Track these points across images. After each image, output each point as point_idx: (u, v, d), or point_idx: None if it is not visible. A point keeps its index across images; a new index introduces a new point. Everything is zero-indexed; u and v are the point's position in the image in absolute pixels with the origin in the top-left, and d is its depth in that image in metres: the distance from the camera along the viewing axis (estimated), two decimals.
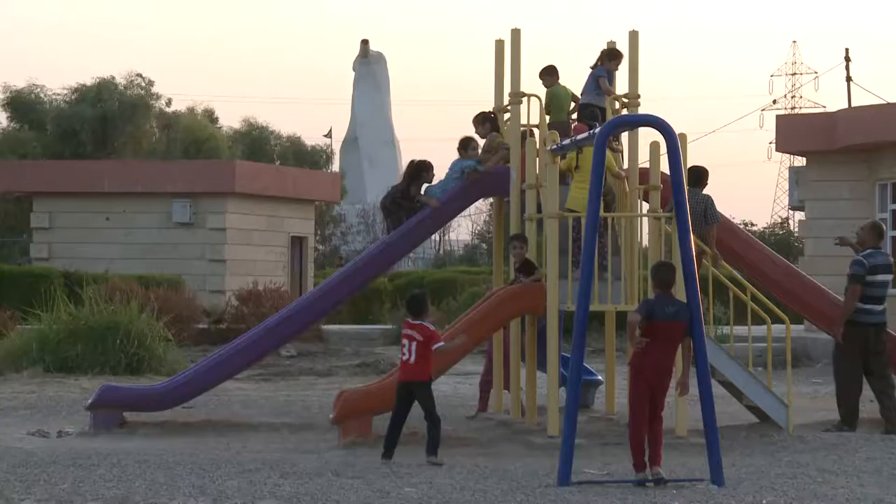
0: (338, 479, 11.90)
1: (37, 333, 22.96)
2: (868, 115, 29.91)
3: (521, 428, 15.49)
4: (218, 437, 15.04)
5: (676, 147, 12.45)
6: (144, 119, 50.79)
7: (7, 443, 14.29)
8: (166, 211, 34.98)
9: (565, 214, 14.76)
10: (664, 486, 11.57)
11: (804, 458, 13.30)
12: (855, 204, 28.58)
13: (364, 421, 14.61)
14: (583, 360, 12.46)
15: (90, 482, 11.58)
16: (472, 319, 15.31)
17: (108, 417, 15.78)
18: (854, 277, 15.46)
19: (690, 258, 12.33)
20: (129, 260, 33.90)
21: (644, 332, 11.76)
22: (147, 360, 22.23)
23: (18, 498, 10.83)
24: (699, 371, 12.07)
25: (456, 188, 16.37)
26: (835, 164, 29.48)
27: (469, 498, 10.98)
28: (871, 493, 11.32)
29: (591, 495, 11.16)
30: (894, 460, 13.10)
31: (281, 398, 19.34)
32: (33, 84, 50.94)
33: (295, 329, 17.29)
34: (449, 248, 58.31)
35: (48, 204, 36.22)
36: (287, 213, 37.36)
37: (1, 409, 17.63)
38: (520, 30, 16.22)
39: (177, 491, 11.18)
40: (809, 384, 21.08)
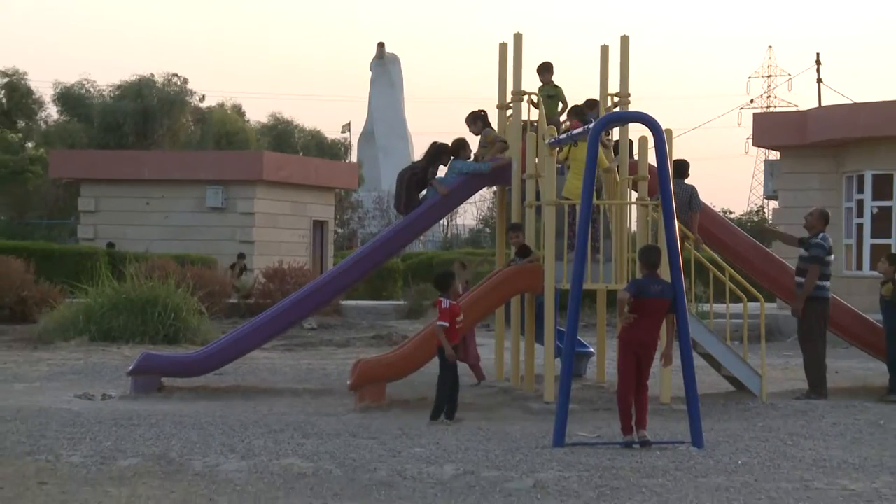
0: (354, 439, 11.92)
1: (83, 306, 22.96)
2: (836, 114, 29.90)
3: (520, 395, 15.46)
4: (246, 401, 15.02)
5: (663, 141, 12.51)
6: (180, 113, 50.93)
7: (56, 405, 14.29)
8: (200, 196, 35.04)
9: (561, 202, 14.73)
10: (649, 447, 11.66)
11: (776, 424, 13.34)
12: (824, 194, 28.60)
13: (378, 387, 14.62)
14: (576, 333, 12.54)
15: (131, 440, 11.64)
16: (476, 296, 15.24)
17: (148, 382, 15.78)
18: (817, 258, 15.58)
19: (675, 242, 12.38)
20: (166, 240, 33.96)
21: (632, 309, 11.85)
22: (183, 331, 22.23)
23: (67, 454, 10.89)
24: (681, 344, 12.14)
25: (459, 181, 16.34)
26: (806, 157, 29.49)
27: (472, 457, 10.98)
28: (836, 455, 11.37)
29: (582, 456, 11.18)
30: (857, 425, 13.12)
31: (303, 366, 19.31)
32: (84, 80, 51.00)
33: (316, 304, 17.27)
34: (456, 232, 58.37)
35: (94, 189, 36.28)
36: (309, 199, 37.37)
37: (51, 374, 17.64)
38: (521, 34, 16.15)
39: (209, 449, 11.22)
40: (781, 356, 21.04)
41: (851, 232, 28.19)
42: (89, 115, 49.63)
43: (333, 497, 9.45)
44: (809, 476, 10.36)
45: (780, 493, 9.67)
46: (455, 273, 14.37)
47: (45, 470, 10.26)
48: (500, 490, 9.70)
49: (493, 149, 16.32)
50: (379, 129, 58.15)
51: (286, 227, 36.07)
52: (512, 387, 16.22)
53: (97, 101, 50.01)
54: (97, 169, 36.70)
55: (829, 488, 9.86)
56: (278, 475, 10.18)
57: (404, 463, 10.67)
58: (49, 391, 15.70)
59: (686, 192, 15.79)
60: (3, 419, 12.68)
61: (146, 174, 35.73)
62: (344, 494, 9.55)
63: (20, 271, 27.01)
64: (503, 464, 10.71)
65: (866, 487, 9.90)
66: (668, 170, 12.67)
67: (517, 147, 15.93)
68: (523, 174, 15.74)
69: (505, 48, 16.44)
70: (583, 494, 9.55)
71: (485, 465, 10.63)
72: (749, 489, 9.78)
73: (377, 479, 10.08)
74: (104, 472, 10.23)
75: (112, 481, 9.90)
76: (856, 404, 14.77)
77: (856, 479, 10.22)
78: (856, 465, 10.86)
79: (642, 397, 11.93)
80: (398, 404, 14.42)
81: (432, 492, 9.67)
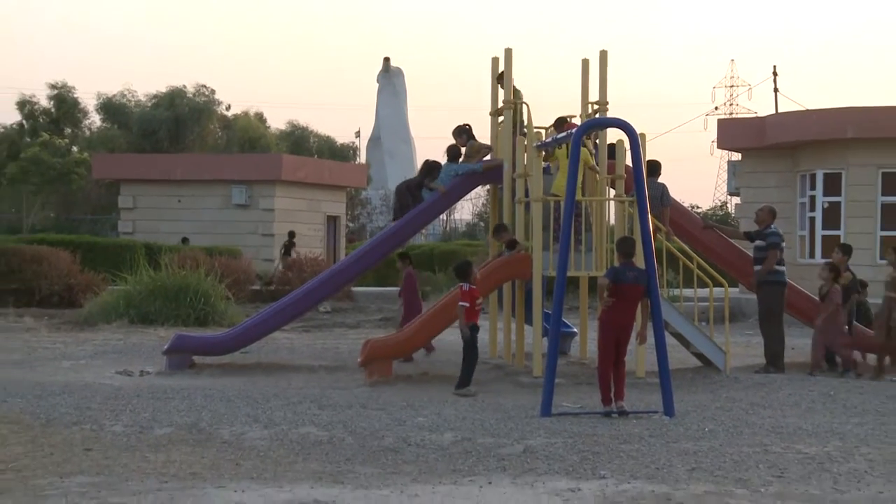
0: (364, 410, 11.92)
1: (123, 293, 22.96)
2: (791, 119, 29.91)
3: (512, 370, 15.46)
4: (268, 377, 15.02)
5: (637, 144, 12.51)
6: (209, 121, 50.89)
7: (99, 380, 14.31)
8: (226, 195, 35.01)
9: (548, 198, 14.71)
10: (626, 417, 11.67)
11: (738, 395, 13.34)
12: (780, 191, 28.61)
13: (386, 364, 14.62)
14: (561, 315, 12.51)
15: (166, 412, 11.63)
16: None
17: (180, 360, 15.79)
18: (775, 245, 15.67)
19: (648, 234, 12.38)
20: (196, 234, 33.94)
21: (610, 293, 11.86)
22: (211, 315, 22.24)
23: (109, 424, 10.91)
24: (654, 324, 12.14)
25: (456, 181, 16.36)
26: (764, 158, 29.48)
27: (469, 426, 10.98)
28: (791, 422, 11.38)
29: (567, 424, 11.18)
30: (811, 396, 13.12)
31: (318, 345, 19.32)
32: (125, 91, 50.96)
33: (329, 290, 17.31)
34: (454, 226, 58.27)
35: (132, 189, 36.24)
36: (323, 197, 37.32)
37: (95, 352, 17.64)
38: (511, 49, 16.12)
39: (235, 419, 11.21)
40: (743, 335, 21.05)
41: (805, 225, 28.19)
42: (128, 123, 49.58)
43: (346, 462, 9.45)
44: (768, 441, 10.36)
45: (742, 456, 9.67)
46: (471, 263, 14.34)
47: (90, 438, 10.28)
48: (494, 455, 9.70)
49: (480, 155, 16.46)
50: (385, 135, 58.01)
51: (303, 221, 36.02)
52: (504, 363, 16.23)
53: (135, 110, 49.93)
54: (135, 170, 36.66)
55: (786, 452, 9.86)
56: (297, 442, 10.18)
57: (409, 431, 10.67)
58: (93, 368, 15.71)
59: (658, 189, 15.81)
60: (52, 393, 12.68)
61: (178, 175, 35.69)
62: (355, 459, 9.55)
63: (67, 262, 27.04)
64: (496, 431, 10.71)
65: (819, 451, 9.90)
66: (642, 169, 12.65)
67: (508, 149, 15.91)
68: (514, 174, 15.73)
69: (497, 62, 16.45)
70: (567, 458, 9.55)
71: (480, 432, 10.63)
72: (715, 453, 9.78)
73: (385, 445, 10.08)
74: (142, 440, 10.24)
75: (149, 448, 9.91)
76: (809, 378, 14.76)
77: (809, 444, 10.23)
78: (809, 432, 10.86)
79: (620, 372, 11.94)
80: (403, 379, 14.44)
81: (434, 457, 9.67)
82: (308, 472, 9.00)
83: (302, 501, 7.92)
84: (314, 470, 9.10)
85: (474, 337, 13.55)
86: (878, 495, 8.38)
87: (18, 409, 11.49)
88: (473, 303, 13.48)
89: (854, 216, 27.45)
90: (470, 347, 13.49)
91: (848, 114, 27.92)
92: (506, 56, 16.15)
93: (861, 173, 27.46)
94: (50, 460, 9.34)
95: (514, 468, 9.20)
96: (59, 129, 51.50)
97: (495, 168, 16.27)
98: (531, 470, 9.13)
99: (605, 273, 12.31)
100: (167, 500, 7.94)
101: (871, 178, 27.44)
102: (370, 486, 8.49)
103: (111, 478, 8.71)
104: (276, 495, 8.12)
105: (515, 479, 8.75)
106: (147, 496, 8.06)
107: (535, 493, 8.26)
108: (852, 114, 27.86)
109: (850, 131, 27.36)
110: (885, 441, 10.46)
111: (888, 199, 27.46)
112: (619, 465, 9.29)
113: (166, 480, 8.63)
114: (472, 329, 13.50)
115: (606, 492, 8.34)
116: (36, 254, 26.79)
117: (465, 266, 13.80)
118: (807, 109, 32.70)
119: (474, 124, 17.07)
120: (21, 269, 26.38)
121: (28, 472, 8.90)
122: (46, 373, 15.03)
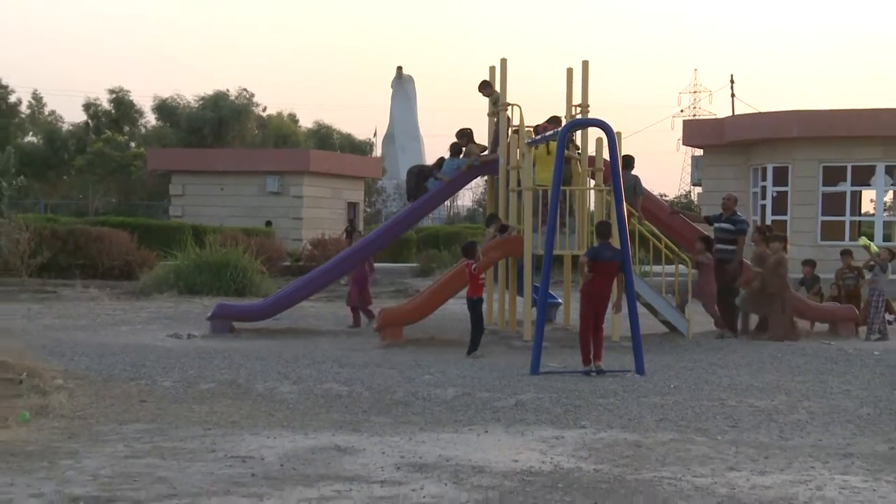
0: (379, 368, 11.88)
1: (174, 267, 22.92)
2: (746, 121, 29.87)
3: (506, 335, 15.42)
4: (297, 340, 15.00)
5: (614, 141, 12.46)
6: (247, 120, 50.66)
7: (153, 342, 14.28)
8: (262, 184, 34.92)
9: (537, 187, 14.63)
10: (603, 375, 11.63)
11: (699, 357, 13.31)
12: (736, 182, 28.58)
13: (397, 329, 14.58)
14: (548, 288, 12.45)
15: (209, 369, 11.61)
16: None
17: (222, 325, 15.74)
18: (742, 231, 15.68)
19: (623, 219, 12.35)
20: (236, 217, 33.83)
21: (590, 269, 11.81)
22: (248, 286, 22.17)
23: (161, 379, 10.91)
24: (628, 296, 12.11)
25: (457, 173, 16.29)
26: (723, 154, 29.43)
27: (468, 382, 10.95)
28: (744, 380, 11.38)
29: (552, 381, 11.16)
30: (761, 358, 13.10)
31: (340, 313, 19.25)
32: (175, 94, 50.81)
33: (350, 266, 17.21)
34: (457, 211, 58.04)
35: (182, 178, 36.17)
36: (345, 186, 37.22)
37: (149, 318, 17.62)
38: (506, 59, 16.03)
39: (268, 376, 11.19)
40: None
41: (757, 211, 28.13)
42: (178, 122, 49.36)
43: (363, 413, 9.43)
44: (724, 396, 10.34)
45: (702, 409, 9.65)
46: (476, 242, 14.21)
47: (145, 391, 10.27)
48: (490, 407, 9.69)
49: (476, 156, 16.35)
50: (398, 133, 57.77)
51: (327, 207, 35.95)
52: (499, 329, 16.17)
53: (184, 111, 49.74)
54: (184, 163, 36.56)
55: (740, 405, 9.84)
56: (321, 396, 10.16)
57: (417, 387, 10.64)
58: (147, 332, 15.69)
59: (632, 180, 15.73)
60: (112, 352, 12.67)
61: (221, 167, 35.58)
62: (371, 410, 9.54)
63: (126, 241, 26.98)
64: (492, 387, 10.68)
65: (767, 404, 9.88)
66: (618, 163, 12.60)
67: (503, 145, 15.86)
68: (508, 166, 15.66)
69: (494, 70, 16.34)
70: (552, 410, 9.53)
71: (478, 388, 10.61)
72: (679, 406, 9.76)
73: (396, 398, 10.06)
74: (189, 393, 10.22)
75: (195, 400, 9.90)
76: (759, 342, 14.72)
77: (759, 398, 10.21)
78: (759, 388, 10.84)
79: (598, 336, 11.90)
80: (412, 342, 14.39)
81: (438, 409, 9.65)
82: (330, 422, 8.98)
83: (325, 446, 7.90)
84: (336, 420, 9.09)
85: (478, 309, 13.45)
86: (818, 442, 8.36)
87: (84, 367, 11.48)
88: (476, 278, 13.36)
89: (799, 204, 27.46)
90: (478, 316, 13.40)
91: (794, 116, 27.87)
92: (501, 65, 16.06)
93: (805, 167, 27.42)
94: (111, 410, 9.33)
95: (506, 419, 9.18)
96: (118, 127, 51.35)
97: (491, 162, 16.19)
98: (521, 420, 9.11)
99: (586, 252, 12.27)
100: (210, 444, 7.92)
101: (814, 170, 27.41)
102: (384, 433, 8.47)
103: (162, 425, 8.71)
104: (303, 441, 8.10)
105: (508, 428, 8.73)
106: (193, 441, 8.05)
107: (525, 440, 8.24)
108: (797, 116, 27.82)
109: (796, 131, 27.33)
110: (823, 396, 10.44)
111: (828, 189, 27.45)
112: (597, 417, 9.27)
113: (209, 428, 8.62)
114: (476, 301, 13.40)
115: (586, 439, 8.32)
116: (99, 234, 26.76)
117: (471, 245, 13.71)
118: (759, 112, 32.56)
119: (474, 123, 17.00)
120: (87, 247, 26.35)
121: (92, 420, 8.90)
122: (108, 335, 15.01)
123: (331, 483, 6.74)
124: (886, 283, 15.89)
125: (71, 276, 25.39)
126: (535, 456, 7.64)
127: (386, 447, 7.88)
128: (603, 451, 7.88)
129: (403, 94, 58.73)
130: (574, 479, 6.96)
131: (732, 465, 7.47)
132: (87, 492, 6.41)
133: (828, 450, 8.04)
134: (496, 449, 7.89)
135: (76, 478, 6.81)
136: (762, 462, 7.57)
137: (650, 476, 7.06)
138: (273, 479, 6.82)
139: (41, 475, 6.87)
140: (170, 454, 7.56)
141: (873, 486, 6.87)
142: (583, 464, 7.41)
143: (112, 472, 6.98)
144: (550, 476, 7.02)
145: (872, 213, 28.61)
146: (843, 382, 11.29)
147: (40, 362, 10.70)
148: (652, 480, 6.93)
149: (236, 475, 6.92)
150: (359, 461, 7.39)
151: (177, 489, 6.52)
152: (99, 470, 7.03)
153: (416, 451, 7.76)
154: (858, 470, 7.36)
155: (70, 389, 10.06)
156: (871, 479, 7.06)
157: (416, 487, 6.64)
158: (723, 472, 7.21)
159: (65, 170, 50.39)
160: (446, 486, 6.71)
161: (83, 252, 26.27)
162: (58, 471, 7.00)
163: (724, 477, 7.08)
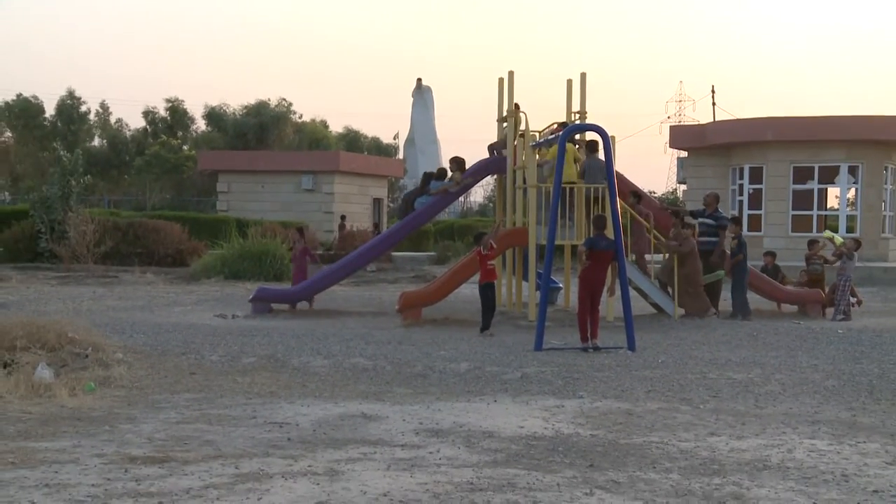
0: (400, 345, 11.86)
1: (220, 256, 22.98)
2: (725, 126, 29.68)
3: (513, 315, 15.39)
4: (328, 319, 14.99)
5: (609, 144, 12.37)
6: (286, 126, 50.66)
7: (201, 321, 14.29)
8: (297, 182, 34.89)
9: (540, 185, 14.55)
10: (599, 351, 11.58)
11: (684, 334, 13.23)
12: (717, 180, 28.44)
13: (417, 310, 14.55)
14: (550, 273, 12.38)
15: (251, 345, 11.59)
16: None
17: (262, 307, 15.76)
18: (725, 226, 15.73)
19: (616, 213, 12.24)
20: (275, 212, 33.86)
21: (587, 257, 11.72)
22: (285, 272, 22.16)
23: (208, 354, 10.89)
24: (621, 281, 12.03)
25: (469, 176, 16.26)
26: (705, 155, 29.27)
27: (479, 357, 10.91)
28: (724, 356, 11.29)
29: (554, 356, 11.11)
30: (739, 336, 13.03)
31: (366, 296, 19.28)
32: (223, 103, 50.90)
33: (375, 255, 17.23)
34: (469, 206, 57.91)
35: (228, 177, 36.15)
36: (371, 184, 37.17)
37: (198, 300, 17.63)
38: (513, 71, 15.96)
39: (302, 352, 11.16)
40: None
41: (735, 206, 27.96)
42: (225, 128, 49.41)
43: (386, 384, 9.41)
44: (706, 370, 10.27)
45: (686, 381, 9.58)
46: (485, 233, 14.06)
47: (194, 364, 10.27)
48: (499, 380, 9.65)
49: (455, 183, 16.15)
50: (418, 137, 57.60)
51: (355, 202, 35.90)
52: (507, 310, 16.13)
53: (230, 118, 49.78)
54: (230, 163, 36.53)
55: (719, 378, 9.77)
56: (349, 369, 10.14)
57: (434, 361, 10.61)
58: (197, 312, 15.71)
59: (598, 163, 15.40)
60: (166, 331, 12.68)
61: (262, 167, 35.57)
62: (393, 382, 9.51)
63: (178, 232, 27.09)
64: (501, 362, 10.65)
65: (744, 377, 9.81)
66: (613, 164, 12.52)
67: (510, 146, 15.83)
68: (515, 166, 15.58)
69: (502, 81, 16.26)
70: (554, 382, 9.48)
71: (488, 363, 10.57)
72: (666, 379, 9.70)
73: (415, 372, 10.04)
74: (233, 367, 10.22)
75: (238, 372, 9.89)
76: (737, 322, 14.64)
77: (737, 372, 10.13)
78: (737, 363, 10.76)
79: (595, 317, 11.84)
80: (430, 322, 14.36)
81: (453, 380, 9.61)
82: (357, 392, 8.96)
83: (352, 414, 7.88)
84: (362, 390, 9.07)
85: (488, 294, 13.38)
86: (789, 410, 8.30)
87: (141, 343, 11.50)
88: (485, 263, 13.29)
89: (772, 199, 27.36)
90: (488, 298, 13.33)
91: (768, 122, 27.69)
92: (508, 77, 15.98)
93: (777, 167, 27.28)
94: (164, 381, 9.34)
95: (513, 390, 9.14)
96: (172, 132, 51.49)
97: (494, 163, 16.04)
98: (526, 391, 9.07)
99: (584, 242, 12.20)
100: (251, 411, 7.92)
101: (785, 170, 27.26)
102: (404, 402, 8.45)
103: (210, 395, 8.71)
104: (333, 409, 8.08)
105: (515, 398, 8.69)
106: (236, 409, 8.04)
107: (530, 409, 8.20)
108: (771, 122, 27.65)
109: (770, 135, 27.18)
110: (793, 370, 10.35)
111: (797, 187, 27.30)
112: (594, 388, 9.22)
113: (251, 397, 8.62)
114: (486, 286, 13.33)
115: (583, 408, 8.27)
116: (155, 226, 26.89)
117: (481, 235, 13.71)
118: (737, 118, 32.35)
119: (485, 129, 16.91)
120: (144, 238, 26.48)
121: (148, 390, 8.91)
122: (162, 315, 15.04)
123: (357, 446, 6.72)
124: (853, 270, 15.77)
125: (130, 263, 25.51)
126: (539, 423, 7.60)
127: (406, 415, 7.86)
128: (598, 418, 7.83)
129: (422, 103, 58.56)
130: (573, 443, 6.92)
131: (713, 430, 7.42)
132: (144, 452, 6.41)
133: (797, 417, 7.98)
134: (504, 416, 7.85)
135: (134, 440, 6.82)
136: (739, 428, 7.52)
137: (640, 440, 7.01)
138: (306, 443, 6.81)
139: (104, 437, 6.89)
140: (216, 420, 7.56)
141: (837, 449, 6.81)
142: (581, 430, 7.37)
143: (165, 435, 6.99)
144: (552, 440, 6.99)
145: (837, 208, 28.44)
146: (812, 358, 11.20)
147: (103, 339, 10.71)
148: (642, 444, 6.89)
149: (274, 439, 6.91)
150: (382, 427, 7.37)
151: (222, 451, 6.51)
152: (154, 433, 7.04)
153: (432, 418, 7.73)
154: (824, 435, 7.29)
155: (129, 363, 10.08)
156: (836, 443, 7.00)
157: (433, 450, 6.62)
158: (704, 437, 7.16)
159: (126, 170, 50.60)
160: (459, 449, 6.69)
161: (141, 242, 26.40)
162: (118, 434, 7.02)
163: (706, 441, 7.03)
